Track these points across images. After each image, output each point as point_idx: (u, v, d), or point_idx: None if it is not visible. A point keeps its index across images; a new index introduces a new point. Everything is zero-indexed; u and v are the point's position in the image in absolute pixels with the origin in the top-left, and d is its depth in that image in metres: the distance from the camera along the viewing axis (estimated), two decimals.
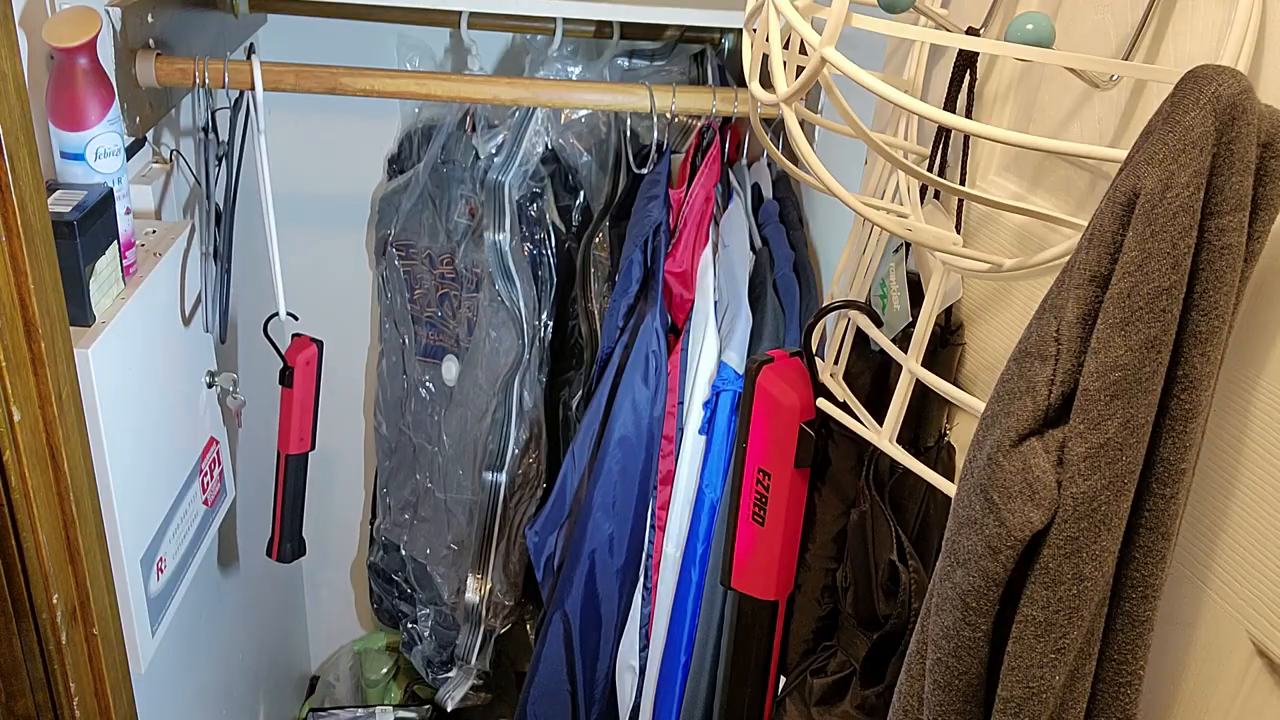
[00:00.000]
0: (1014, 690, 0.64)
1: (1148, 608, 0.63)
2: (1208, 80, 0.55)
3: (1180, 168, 0.55)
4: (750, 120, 1.12)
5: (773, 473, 0.99)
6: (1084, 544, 0.60)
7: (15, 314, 0.82)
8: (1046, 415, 0.61)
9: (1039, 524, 0.61)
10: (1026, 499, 0.61)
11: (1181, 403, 0.59)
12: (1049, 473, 0.60)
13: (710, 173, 1.36)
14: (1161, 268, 0.56)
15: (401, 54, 1.61)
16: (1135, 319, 0.57)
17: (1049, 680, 0.63)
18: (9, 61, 0.78)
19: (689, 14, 1.35)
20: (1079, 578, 0.61)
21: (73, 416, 0.91)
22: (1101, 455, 0.59)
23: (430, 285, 1.68)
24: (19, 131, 0.80)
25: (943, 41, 0.65)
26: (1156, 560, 0.62)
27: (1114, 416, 0.58)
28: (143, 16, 1.19)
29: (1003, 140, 0.63)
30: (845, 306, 0.92)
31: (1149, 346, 0.57)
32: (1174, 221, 0.56)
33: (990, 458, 0.63)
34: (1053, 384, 0.61)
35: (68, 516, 0.91)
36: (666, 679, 1.30)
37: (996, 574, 0.63)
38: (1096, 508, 0.60)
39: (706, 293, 1.26)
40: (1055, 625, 0.62)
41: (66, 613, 0.93)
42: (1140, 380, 0.58)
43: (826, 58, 0.61)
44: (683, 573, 1.26)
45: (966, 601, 0.65)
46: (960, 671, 0.67)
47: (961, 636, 0.66)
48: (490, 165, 1.54)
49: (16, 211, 0.79)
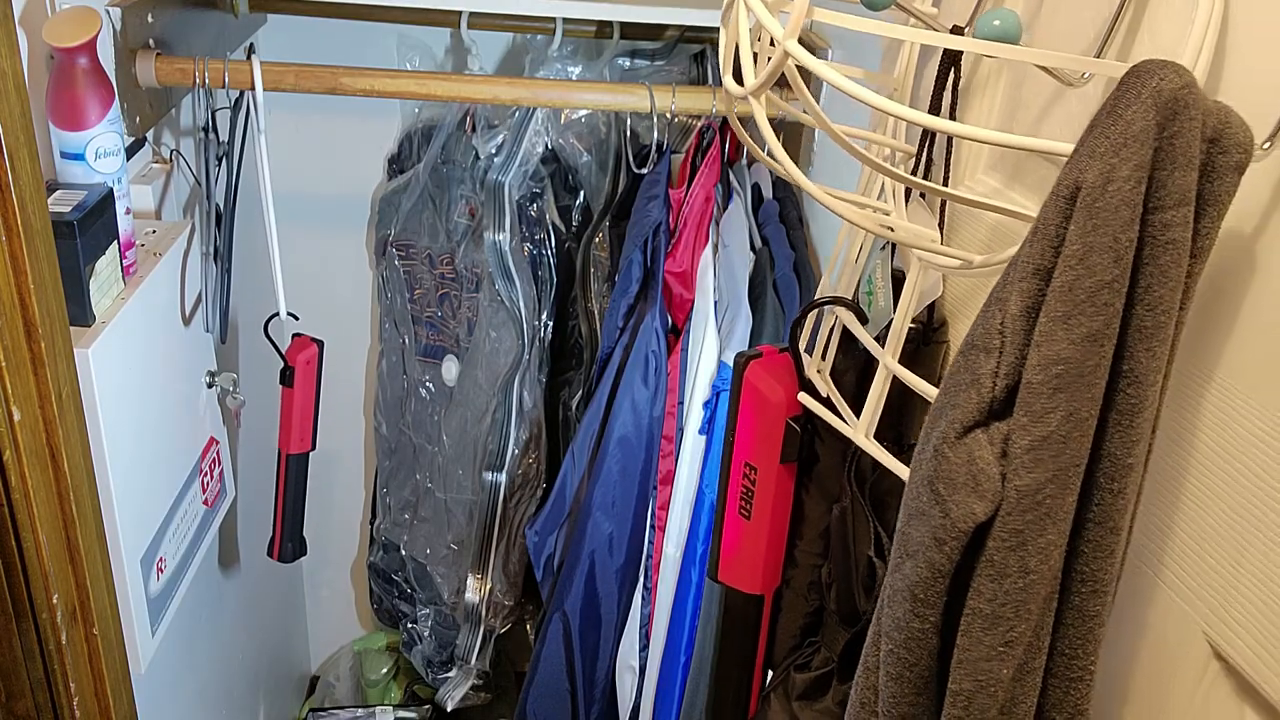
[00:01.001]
0: (963, 684, 0.64)
1: (1097, 603, 0.63)
2: (1149, 75, 0.55)
3: (1121, 161, 0.55)
4: (728, 116, 1.12)
5: (759, 467, 1.00)
6: (1029, 537, 0.60)
7: (15, 314, 0.82)
8: (991, 408, 0.61)
9: (982, 516, 0.61)
10: (970, 490, 0.61)
11: (1127, 397, 0.59)
12: (993, 464, 0.60)
13: (710, 173, 1.36)
14: (1103, 261, 0.56)
15: (401, 54, 1.61)
16: (1077, 312, 0.57)
17: (997, 673, 0.63)
18: (9, 61, 0.78)
19: (689, 14, 1.35)
20: (1024, 570, 0.61)
21: (73, 416, 0.91)
22: (1044, 448, 0.59)
23: (430, 285, 1.68)
24: (19, 131, 0.80)
25: (903, 36, 0.65)
26: (1105, 555, 0.62)
27: (1057, 410, 0.58)
28: (143, 16, 1.19)
29: (957, 134, 0.63)
30: (831, 303, 0.92)
31: (1091, 340, 0.57)
32: (1115, 215, 0.55)
33: (936, 449, 0.63)
34: (997, 376, 0.61)
35: (68, 516, 0.91)
36: (666, 679, 1.30)
37: (942, 565, 0.63)
38: (1040, 501, 0.60)
39: (706, 293, 1.26)
40: (1002, 618, 0.62)
41: (66, 613, 0.93)
42: (1083, 374, 0.58)
43: (789, 51, 0.61)
44: (683, 573, 1.26)
45: (914, 593, 0.65)
46: (911, 663, 0.67)
47: (911, 628, 0.66)
48: (490, 165, 1.54)
49: (16, 211, 0.79)
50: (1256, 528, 0.63)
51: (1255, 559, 0.63)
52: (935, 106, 0.85)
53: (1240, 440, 0.64)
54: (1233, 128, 0.56)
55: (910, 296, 0.83)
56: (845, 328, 0.92)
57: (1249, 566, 0.64)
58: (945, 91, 0.84)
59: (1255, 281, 0.64)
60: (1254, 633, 0.63)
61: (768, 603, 1.07)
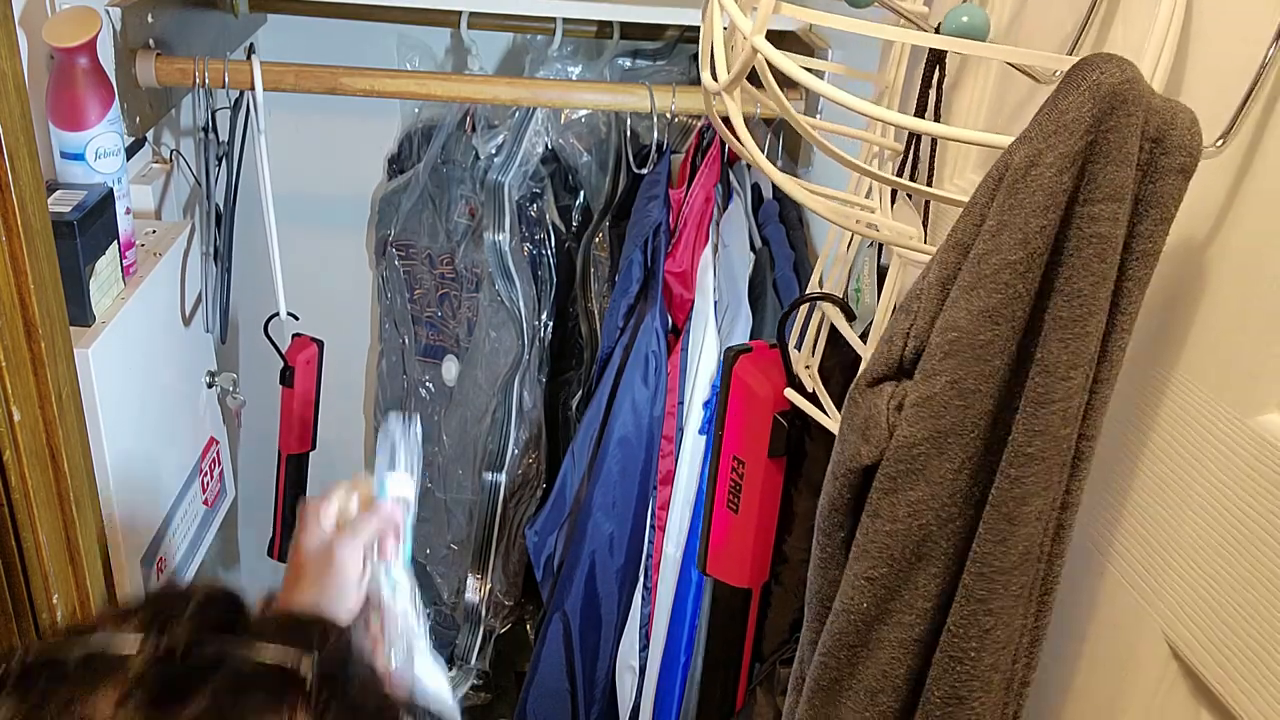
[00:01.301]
0: (836, 604, 0.70)
1: (984, 586, 0.64)
2: (1091, 68, 0.55)
3: (1049, 148, 0.55)
4: (707, 113, 1.12)
5: (747, 461, 1.00)
6: (899, 486, 0.64)
7: (15, 314, 0.82)
8: (900, 365, 0.65)
9: (867, 459, 0.65)
10: (860, 435, 0.65)
11: (1036, 385, 0.59)
12: (884, 414, 0.64)
13: (710, 173, 1.36)
14: (1011, 241, 0.57)
15: (401, 54, 1.61)
16: (979, 286, 0.59)
17: (857, 603, 0.67)
18: (9, 61, 0.78)
19: (689, 14, 1.35)
20: (892, 518, 0.65)
21: (73, 416, 0.91)
22: (926, 407, 0.62)
23: (430, 285, 1.68)
24: (19, 131, 0.80)
25: (873, 33, 0.65)
26: (996, 540, 0.62)
27: (943, 374, 0.61)
28: (143, 16, 1.19)
29: (918, 130, 0.64)
30: (819, 299, 0.92)
31: (987, 315, 0.59)
32: (1030, 199, 0.56)
33: (850, 396, 0.68)
34: (908, 337, 0.64)
35: (68, 516, 0.91)
36: (666, 679, 1.30)
37: (835, 498, 0.69)
38: (915, 456, 0.63)
39: (706, 293, 1.26)
40: (867, 554, 0.66)
41: (66, 613, 0.93)
42: (975, 347, 0.60)
43: (756, 47, 0.61)
44: (683, 573, 1.26)
45: (819, 524, 0.71)
46: (815, 591, 0.73)
47: (816, 557, 0.72)
48: (490, 165, 1.54)
49: (16, 211, 0.79)
50: (1213, 529, 0.63)
51: (1211, 560, 0.63)
52: (921, 104, 0.85)
53: (1199, 441, 0.64)
54: (1177, 129, 0.55)
55: (891, 293, 0.84)
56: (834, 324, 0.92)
57: (1206, 568, 0.63)
58: (930, 90, 0.84)
59: (1212, 283, 0.63)
60: (1209, 634, 0.63)
61: (755, 596, 1.08)
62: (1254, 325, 0.60)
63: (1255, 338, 0.60)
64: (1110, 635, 0.73)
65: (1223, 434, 0.62)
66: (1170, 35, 0.63)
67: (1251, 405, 0.60)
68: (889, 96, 0.90)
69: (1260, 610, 0.59)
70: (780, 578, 1.06)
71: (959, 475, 0.63)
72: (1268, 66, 0.57)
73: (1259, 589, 0.59)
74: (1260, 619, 0.59)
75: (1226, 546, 0.62)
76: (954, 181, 0.93)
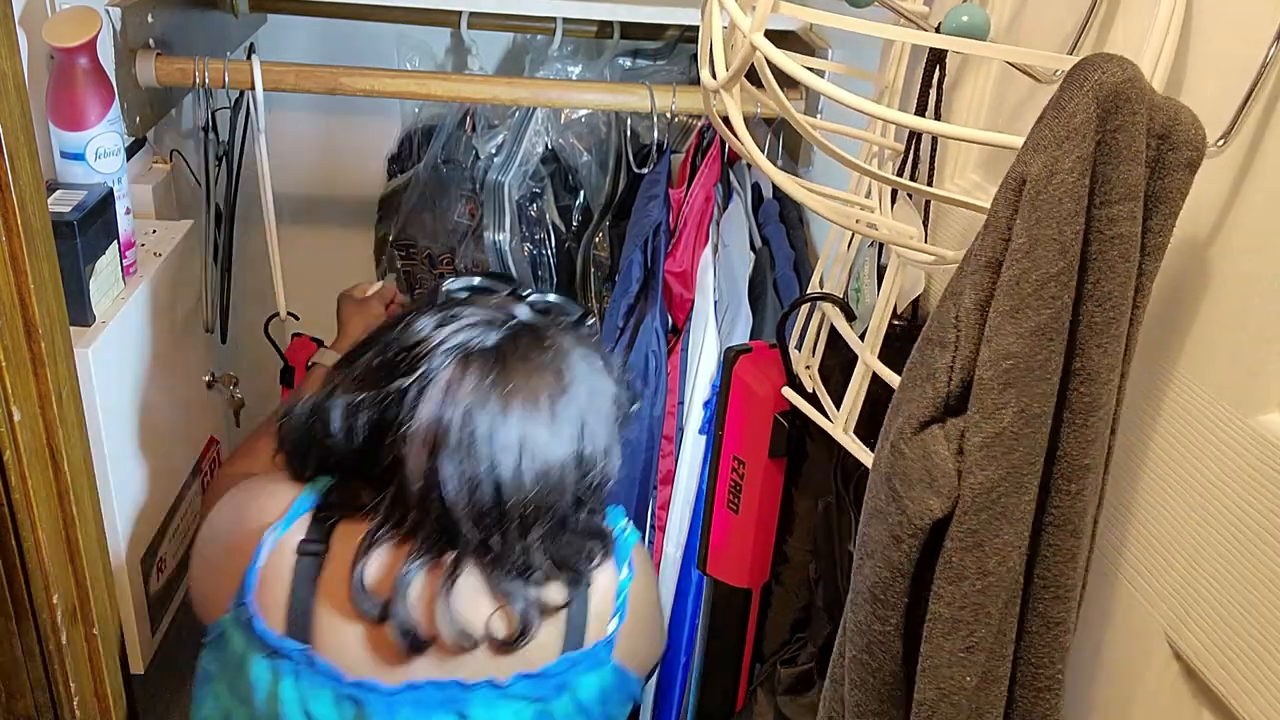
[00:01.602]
0: (927, 692, 0.62)
1: (1061, 609, 0.62)
2: (1093, 68, 0.54)
3: (1064, 154, 0.54)
4: (706, 112, 1.12)
5: (747, 461, 1.00)
6: (985, 537, 0.59)
7: (15, 314, 0.82)
8: (947, 402, 0.60)
9: (939, 512, 0.59)
10: (926, 486, 0.60)
11: (1081, 395, 0.58)
12: (949, 460, 0.59)
13: (710, 172, 1.36)
14: (1049, 254, 0.55)
15: (401, 54, 1.61)
16: (1025, 306, 0.56)
17: (960, 680, 0.61)
18: (9, 61, 0.78)
19: (689, 14, 1.35)
20: (983, 572, 0.59)
21: (73, 416, 0.91)
22: (997, 445, 0.58)
23: (430, 285, 1.68)
24: (19, 131, 0.79)
25: (871, 32, 0.65)
26: (1066, 559, 0.60)
27: (1008, 406, 0.57)
28: (143, 16, 1.19)
29: (922, 128, 0.63)
30: (819, 299, 0.92)
31: (1039, 334, 0.56)
32: (1059, 207, 0.55)
33: (893, 445, 0.62)
34: (952, 371, 0.60)
35: (68, 516, 0.91)
36: (666, 679, 1.30)
37: (901, 564, 0.62)
38: (995, 499, 0.58)
39: (706, 293, 1.26)
40: (962, 622, 0.60)
41: (66, 613, 0.93)
42: (1033, 369, 0.57)
43: (755, 44, 0.61)
44: (683, 573, 1.25)
45: (875, 594, 0.63)
46: (874, 669, 0.65)
47: (873, 631, 0.64)
48: (490, 165, 1.54)
49: (16, 211, 0.79)
50: (1214, 528, 0.63)
51: (1212, 561, 0.63)
52: (921, 104, 0.85)
53: (1200, 441, 0.63)
54: (1182, 124, 0.55)
55: (889, 293, 0.83)
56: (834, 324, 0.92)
57: (1206, 568, 0.63)
58: (930, 89, 0.84)
59: (1212, 283, 0.63)
60: (1211, 634, 0.63)
61: (756, 597, 1.07)
62: (1254, 324, 0.60)
63: (1256, 337, 0.60)
64: (1111, 636, 0.73)
65: (1223, 434, 0.62)
66: (1170, 35, 0.63)
67: (1252, 405, 0.60)
68: (889, 96, 0.90)
69: (1261, 610, 0.59)
70: (781, 578, 1.06)
71: (1032, 505, 0.60)
72: (1268, 66, 0.57)
73: (1260, 589, 0.59)
74: (1261, 619, 0.59)
75: (1227, 546, 0.62)
76: (954, 181, 0.92)
